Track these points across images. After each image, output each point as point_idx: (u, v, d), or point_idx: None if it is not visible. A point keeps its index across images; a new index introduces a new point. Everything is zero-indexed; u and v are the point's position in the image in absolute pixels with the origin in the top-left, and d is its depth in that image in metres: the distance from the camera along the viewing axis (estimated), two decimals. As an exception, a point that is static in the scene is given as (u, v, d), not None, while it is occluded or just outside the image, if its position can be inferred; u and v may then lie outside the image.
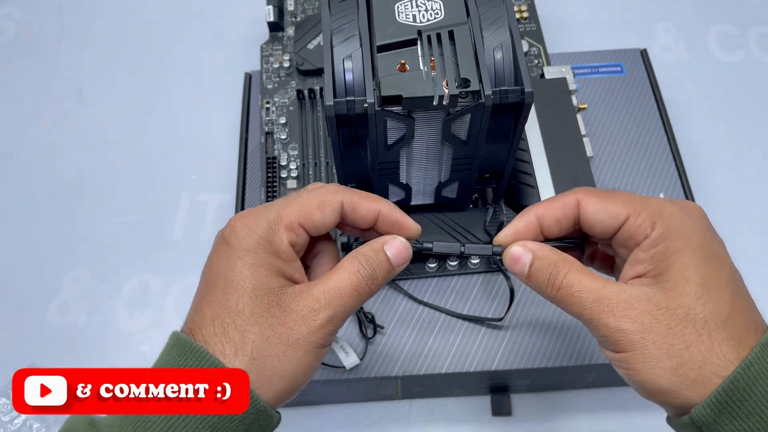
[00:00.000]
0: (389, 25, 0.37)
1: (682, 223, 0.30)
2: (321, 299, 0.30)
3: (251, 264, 0.30)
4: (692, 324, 0.28)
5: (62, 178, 0.60)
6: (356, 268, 0.31)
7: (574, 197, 0.32)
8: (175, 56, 0.68)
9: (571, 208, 0.32)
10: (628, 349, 0.28)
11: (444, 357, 0.45)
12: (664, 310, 0.28)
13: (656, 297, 0.29)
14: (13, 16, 0.71)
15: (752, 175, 0.60)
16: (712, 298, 0.28)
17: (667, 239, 0.29)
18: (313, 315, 0.30)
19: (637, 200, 0.31)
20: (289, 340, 0.29)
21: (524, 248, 0.32)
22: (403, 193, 0.44)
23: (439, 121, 0.37)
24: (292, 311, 0.30)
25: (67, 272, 0.55)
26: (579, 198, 0.31)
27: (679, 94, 0.61)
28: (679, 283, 0.28)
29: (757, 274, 0.54)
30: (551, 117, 0.49)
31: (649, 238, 0.30)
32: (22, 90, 0.66)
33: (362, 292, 0.31)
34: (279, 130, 0.54)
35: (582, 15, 0.70)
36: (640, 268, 0.30)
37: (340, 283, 0.31)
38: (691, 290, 0.28)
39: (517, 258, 0.32)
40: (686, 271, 0.29)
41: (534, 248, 0.31)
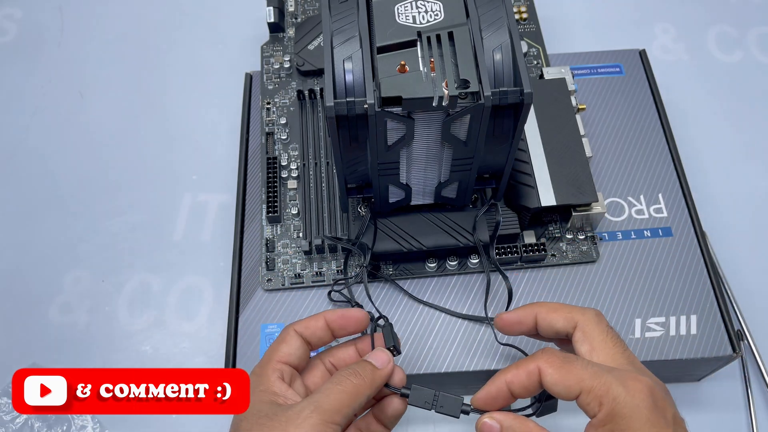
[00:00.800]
0: (389, 27, 0.38)
1: (625, 405, 0.31)
2: (306, 400, 0.34)
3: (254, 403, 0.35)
4: None
5: (63, 178, 0.60)
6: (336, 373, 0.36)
7: (535, 365, 0.34)
8: (176, 57, 0.68)
9: (534, 375, 0.34)
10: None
11: (444, 357, 0.45)
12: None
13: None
14: (14, 17, 0.71)
15: (751, 176, 0.60)
16: None
17: (610, 422, 0.31)
18: (299, 411, 0.33)
19: (589, 376, 0.32)
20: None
21: (492, 420, 0.35)
22: (403, 194, 0.45)
23: (439, 121, 0.38)
24: (281, 415, 0.33)
25: (68, 272, 0.56)
26: (540, 366, 0.34)
27: (677, 95, 0.61)
28: None
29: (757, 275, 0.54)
30: (550, 117, 0.49)
31: (596, 417, 0.32)
32: (23, 90, 0.66)
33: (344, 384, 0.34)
34: (279, 130, 0.54)
35: (581, 16, 0.70)
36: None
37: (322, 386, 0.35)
38: None
39: (488, 428, 0.35)
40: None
41: (501, 419, 0.34)
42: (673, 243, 0.50)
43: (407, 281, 0.48)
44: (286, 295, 0.48)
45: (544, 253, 0.48)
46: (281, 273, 0.49)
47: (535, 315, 0.38)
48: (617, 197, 0.52)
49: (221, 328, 0.48)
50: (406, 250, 0.46)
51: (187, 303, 0.54)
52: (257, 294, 0.48)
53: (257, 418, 0.33)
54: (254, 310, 0.48)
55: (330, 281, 0.48)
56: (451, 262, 0.48)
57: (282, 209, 0.51)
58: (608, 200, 0.52)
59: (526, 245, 0.48)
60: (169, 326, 0.53)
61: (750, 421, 0.49)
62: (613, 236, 0.50)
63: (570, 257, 0.49)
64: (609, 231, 0.50)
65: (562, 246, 0.49)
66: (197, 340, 0.53)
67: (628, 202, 0.52)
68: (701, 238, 0.50)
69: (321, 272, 0.48)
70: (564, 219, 0.49)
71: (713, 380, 0.50)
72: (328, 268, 0.49)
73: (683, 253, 0.49)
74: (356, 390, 0.34)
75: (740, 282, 0.53)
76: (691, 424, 0.34)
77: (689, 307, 0.47)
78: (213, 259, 0.56)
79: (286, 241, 0.50)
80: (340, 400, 0.34)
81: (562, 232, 0.49)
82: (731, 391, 0.50)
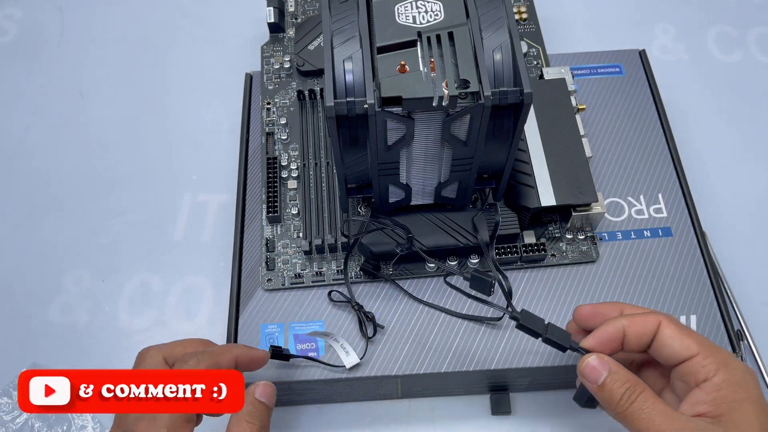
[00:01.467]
0: (389, 27, 0.38)
1: (743, 377, 0.33)
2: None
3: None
4: None
5: (63, 178, 0.60)
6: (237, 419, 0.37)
7: (656, 319, 0.35)
8: (176, 57, 0.68)
9: (652, 326, 0.35)
10: None
11: (444, 356, 0.45)
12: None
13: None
14: (14, 17, 0.71)
15: (751, 176, 0.60)
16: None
17: (730, 387, 0.33)
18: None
19: (709, 345, 0.35)
20: None
21: (602, 361, 0.35)
22: (402, 194, 0.45)
23: (439, 121, 0.38)
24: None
25: (68, 272, 0.56)
26: (661, 321, 0.35)
27: (677, 95, 0.61)
28: (742, 427, 0.32)
29: (757, 275, 0.54)
30: (550, 117, 0.49)
31: (710, 381, 0.33)
32: (23, 90, 0.66)
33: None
34: (279, 130, 0.54)
35: (581, 16, 0.70)
36: (700, 408, 0.33)
37: None
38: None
39: (593, 368, 0.35)
40: (749, 417, 0.32)
41: (611, 364, 0.35)
42: (673, 243, 0.50)
43: (407, 281, 0.48)
44: (286, 295, 0.48)
45: (544, 253, 0.48)
46: (281, 273, 0.49)
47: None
48: (617, 197, 0.52)
49: (221, 328, 0.48)
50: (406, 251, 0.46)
51: (187, 303, 0.54)
52: (257, 294, 0.48)
53: None
54: (254, 310, 0.48)
55: (330, 281, 0.48)
56: (451, 262, 0.48)
57: (282, 209, 0.51)
58: (608, 200, 0.52)
59: (526, 245, 0.48)
60: (169, 326, 0.53)
61: (750, 421, 0.49)
62: (613, 236, 0.50)
63: (570, 257, 0.49)
64: (609, 231, 0.50)
65: (562, 246, 0.49)
66: (197, 340, 0.53)
67: (628, 202, 0.52)
68: (701, 238, 0.50)
69: (321, 272, 0.48)
70: (564, 219, 0.49)
71: (713, 380, 0.50)
72: (328, 268, 0.49)
73: (683, 253, 0.49)
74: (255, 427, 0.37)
75: (740, 282, 0.53)
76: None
77: (689, 307, 0.47)
78: (213, 259, 0.56)
79: (286, 241, 0.50)
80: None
81: (562, 232, 0.49)
82: (731, 391, 0.50)
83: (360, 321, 0.46)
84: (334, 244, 0.48)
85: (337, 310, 0.47)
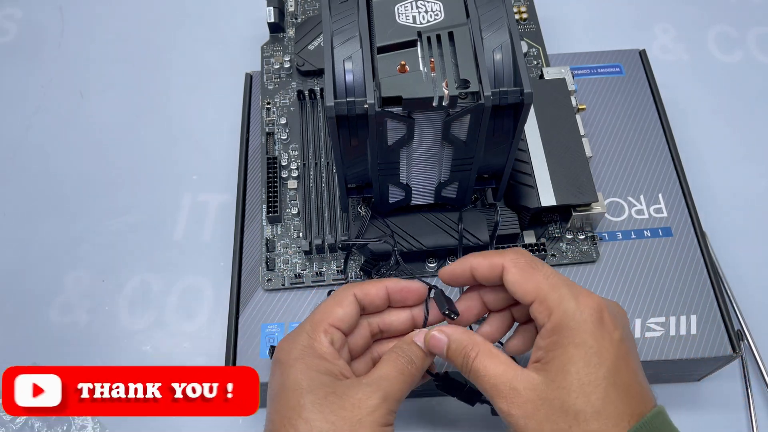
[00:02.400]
0: (389, 27, 0.38)
1: (572, 318, 0.32)
2: (371, 385, 0.33)
3: (302, 369, 0.33)
4: (566, 414, 0.31)
5: (63, 178, 0.60)
6: (394, 357, 0.35)
7: (501, 261, 0.35)
8: (176, 57, 0.68)
9: (497, 269, 0.35)
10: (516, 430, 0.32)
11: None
12: (544, 400, 0.31)
13: (540, 387, 0.32)
14: (14, 17, 0.71)
15: (751, 175, 0.60)
16: (585, 392, 0.31)
17: (557, 333, 0.32)
18: (368, 398, 0.32)
19: (547, 286, 0.34)
20: (352, 420, 0.32)
21: (441, 333, 0.35)
22: (403, 194, 0.45)
23: (439, 121, 0.38)
24: (349, 397, 0.32)
25: (68, 272, 0.56)
26: (505, 264, 0.35)
27: (677, 95, 0.61)
28: (559, 377, 0.31)
29: (757, 275, 0.55)
30: (550, 117, 0.49)
31: (545, 327, 0.33)
32: (23, 90, 0.66)
33: (405, 373, 0.35)
34: (279, 130, 0.54)
35: (581, 16, 0.70)
36: (538, 353, 0.33)
37: (384, 370, 0.34)
38: (567, 384, 0.31)
39: (437, 339, 0.35)
40: (566, 365, 0.31)
41: (449, 332, 0.35)
42: (673, 243, 0.50)
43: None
44: (286, 295, 0.48)
45: (544, 253, 0.48)
46: (281, 273, 0.49)
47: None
48: (617, 197, 0.52)
49: (221, 328, 0.48)
50: (406, 250, 0.46)
51: (187, 303, 0.54)
52: (257, 294, 0.48)
53: (324, 394, 0.32)
54: (254, 310, 0.48)
55: (330, 281, 0.48)
56: (451, 262, 0.48)
57: (282, 209, 0.51)
58: (608, 200, 0.52)
59: (526, 245, 0.48)
60: (169, 326, 0.53)
61: (750, 421, 0.49)
62: (613, 236, 0.50)
63: (570, 257, 0.49)
64: (609, 231, 0.50)
65: (562, 246, 0.49)
66: (197, 340, 0.53)
67: (628, 202, 0.52)
68: (701, 238, 0.50)
69: (321, 272, 0.48)
70: (564, 219, 0.49)
71: (713, 380, 0.50)
72: (328, 268, 0.49)
73: (683, 253, 0.49)
74: (413, 379, 0.35)
75: (740, 282, 0.53)
76: (691, 424, 0.35)
77: (689, 307, 0.47)
78: (213, 259, 0.56)
79: (286, 241, 0.50)
80: (403, 390, 0.34)
81: (562, 232, 0.49)
82: (731, 391, 0.50)
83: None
84: (334, 244, 0.48)
85: (337, 310, 0.47)
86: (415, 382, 0.35)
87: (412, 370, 0.35)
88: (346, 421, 0.31)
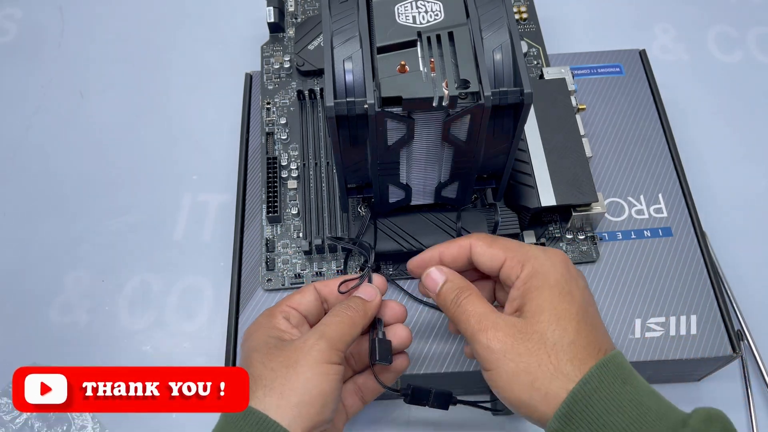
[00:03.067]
0: (389, 27, 0.38)
1: (543, 264, 0.36)
2: (311, 331, 0.37)
3: (256, 337, 0.37)
4: (544, 346, 0.33)
5: (63, 178, 0.60)
6: (334, 309, 0.39)
7: (468, 241, 0.39)
8: (176, 57, 0.68)
9: (465, 249, 0.39)
10: (494, 366, 0.34)
11: (444, 356, 0.45)
12: (523, 334, 0.34)
13: (519, 324, 0.34)
14: (14, 17, 0.71)
15: (751, 176, 0.60)
16: (561, 326, 0.34)
17: (531, 278, 0.36)
18: (305, 340, 0.36)
19: (514, 247, 0.37)
20: (289, 362, 0.35)
21: (440, 271, 0.39)
22: (403, 194, 0.45)
23: (439, 122, 0.38)
24: (290, 345, 0.36)
25: (68, 272, 0.56)
26: (471, 242, 0.38)
27: (677, 95, 0.61)
28: (536, 314, 0.34)
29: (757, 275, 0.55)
30: (550, 117, 0.49)
31: (518, 278, 0.36)
32: (23, 90, 0.66)
33: (342, 315, 0.38)
34: (279, 130, 0.54)
35: (581, 16, 0.70)
36: (514, 304, 0.36)
37: (324, 320, 0.38)
38: (544, 318, 0.34)
39: (433, 278, 0.38)
40: (542, 304, 0.35)
41: (447, 272, 0.39)
42: (673, 243, 0.50)
43: (407, 281, 0.48)
44: (286, 295, 0.48)
45: (544, 253, 0.48)
46: (281, 273, 0.49)
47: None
48: (617, 197, 0.52)
49: (221, 328, 0.48)
50: (406, 250, 0.46)
51: (187, 303, 0.54)
52: (257, 294, 0.48)
53: (267, 349, 0.36)
54: (254, 310, 0.48)
55: (330, 281, 0.48)
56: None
57: (282, 209, 0.51)
58: (608, 200, 0.52)
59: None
60: (169, 326, 0.53)
61: (750, 421, 0.49)
62: (613, 236, 0.50)
63: (570, 257, 0.49)
64: (609, 231, 0.50)
65: (562, 246, 0.49)
66: (197, 340, 0.53)
67: (628, 202, 0.52)
68: (701, 238, 0.50)
69: (321, 272, 0.48)
70: (564, 219, 0.49)
71: (713, 380, 0.50)
72: (328, 268, 0.49)
73: (683, 253, 0.49)
74: (352, 321, 0.37)
75: (740, 282, 0.53)
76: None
77: (689, 307, 0.47)
78: (213, 259, 0.56)
79: (286, 241, 0.50)
80: (341, 329, 0.37)
81: (562, 232, 0.49)
82: (731, 391, 0.50)
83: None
84: (334, 245, 0.48)
85: (337, 310, 0.47)
86: (357, 324, 0.38)
87: (350, 312, 0.38)
88: (283, 364, 0.35)
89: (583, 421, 0.31)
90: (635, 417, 0.31)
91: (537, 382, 0.33)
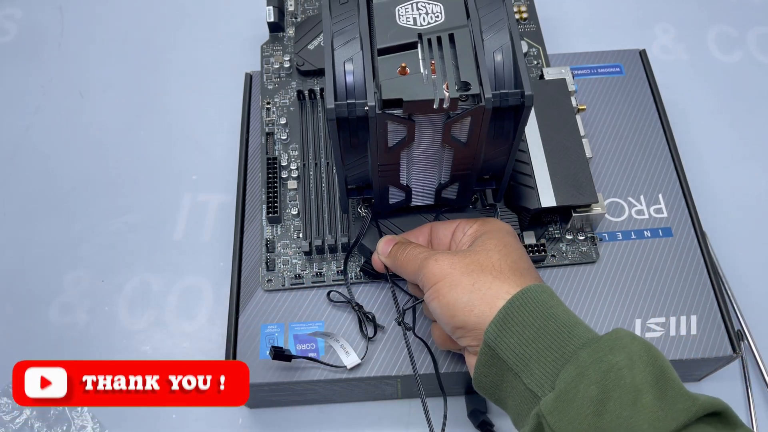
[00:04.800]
0: (390, 28, 0.38)
1: (493, 222, 0.43)
2: None
3: None
4: (492, 268, 0.38)
5: (63, 178, 0.60)
6: None
7: (429, 226, 0.45)
8: (176, 56, 0.68)
9: (426, 229, 0.44)
10: (440, 278, 0.38)
11: (444, 357, 0.45)
12: (472, 260, 0.38)
13: (468, 252, 0.39)
14: (14, 17, 0.71)
15: (751, 176, 0.60)
16: (504, 253, 0.39)
17: (480, 228, 0.42)
18: None
19: (463, 219, 0.44)
20: None
21: (388, 238, 0.44)
22: (403, 195, 0.45)
23: (440, 123, 0.38)
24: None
25: (68, 272, 0.56)
26: (431, 225, 0.45)
27: (678, 95, 0.61)
28: (483, 246, 0.40)
29: (757, 275, 0.55)
30: (550, 118, 0.49)
31: (471, 227, 0.42)
32: (23, 90, 0.66)
33: None
34: (279, 130, 0.54)
35: (581, 16, 0.70)
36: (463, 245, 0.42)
37: None
38: (490, 247, 0.39)
39: (383, 244, 0.44)
40: (487, 240, 0.40)
41: (399, 238, 0.44)
42: (673, 243, 0.50)
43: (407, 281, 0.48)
44: (286, 295, 0.48)
45: (544, 253, 0.48)
46: (281, 273, 0.49)
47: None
48: (617, 197, 0.52)
49: (221, 328, 0.48)
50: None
51: (187, 303, 0.54)
52: (257, 294, 0.48)
53: None
54: (254, 310, 0.48)
55: (330, 282, 0.48)
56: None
57: (282, 209, 0.51)
58: (608, 200, 0.52)
59: (526, 246, 0.48)
60: (169, 326, 0.54)
61: (750, 421, 0.49)
62: (613, 237, 0.50)
63: (570, 258, 0.49)
64: (609, 231, 0.50)
65: (562, 247, 0.49)
66: (197, 340, 0.53)
67: (628, 202, 0.52)
68: (701, 238, 0.50)
69: (321, 273, 0.48)
70: (564, 220, 0.50)
71: (713, 380, 0.50)
72: (328, 268, 0.49)
73: (683, 253, 0.49)
74: None
75: (740, 282, 0.53)
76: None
77: (689, 307, 0.47)
78: (213, 259, 0.56)
79: (286, 241, 0.50)
80: None
81: (562, 233, 0.50)
82: (731, 391, 0.50)
83: (360, 321, 0.46)
84: (334, 245, 0.49)
85: (337, 311, 0.47)
86: None
87: None
88: None
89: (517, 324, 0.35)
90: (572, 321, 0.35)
91: (478, 282, 0.37)
